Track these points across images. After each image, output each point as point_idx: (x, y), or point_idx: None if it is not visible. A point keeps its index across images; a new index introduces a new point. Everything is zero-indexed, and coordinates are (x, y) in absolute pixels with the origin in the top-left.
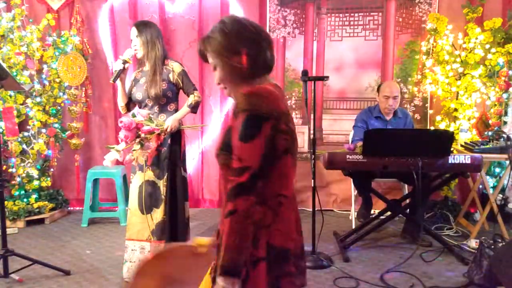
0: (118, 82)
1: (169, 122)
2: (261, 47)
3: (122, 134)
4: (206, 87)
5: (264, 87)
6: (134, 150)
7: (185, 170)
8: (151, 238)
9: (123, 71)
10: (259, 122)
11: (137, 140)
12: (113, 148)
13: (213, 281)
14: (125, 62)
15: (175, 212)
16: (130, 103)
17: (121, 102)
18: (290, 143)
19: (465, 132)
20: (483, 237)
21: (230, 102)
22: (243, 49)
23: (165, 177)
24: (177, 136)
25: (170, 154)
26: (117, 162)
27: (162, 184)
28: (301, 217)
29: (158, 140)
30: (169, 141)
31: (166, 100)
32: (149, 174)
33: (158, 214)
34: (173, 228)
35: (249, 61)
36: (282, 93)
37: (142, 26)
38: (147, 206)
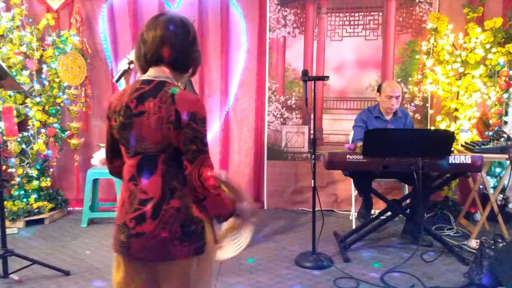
0: (122, 81)
1: None
2: (139, 47)
3: None
4: (206, 87)
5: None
6: None
7: None
8: None
9: (128, 71)
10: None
11: None
12: (103, 146)
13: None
14: (131, 62)
15: None
16: None
17: None
18: (118, 134)
19: (465, 132)
20: (483, 237)
21: (229, 102)
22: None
23: None
24: None
25: None
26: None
27: None
28: (301, 218)
29: None
30: None
31: None
32: None
33: None
34: None
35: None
36: (133, 88)
37: None
38: None
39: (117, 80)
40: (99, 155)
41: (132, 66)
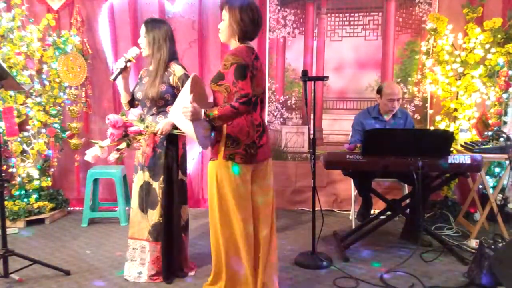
0: (120, 79)
1: (160, 125)
2: (249, 25)
3: (109, 131)
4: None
5: (243, 46)
6: (118, 148)
7: (184, 173)
8: (149, 238)
9: (125, 69)
10: (244, 69)
11: (124, 139)
12: (97, 143)
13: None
14: (128, 61)
15: (171, 215)
16: (133, 100)
17: (123, 99)
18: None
19: (465, 132)
20: (483, 237)
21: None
22: (243, 20)
23: (161, 179)
24: (173, 140)
25: (166, 157)
26: (99, 159)
27: (157, 186)
28: (301, 218)
29: (153, 142)
30: (164, 143)
31: (164, 102)
32: (146, 175)
33: (154, 215)
34: (169, 230)
35: (243, 29)
36: (251, 52)
37: (151, 25)
38: (145, 206)
39: (115, 79)
40: (92, 152)
41: (129, 64)
